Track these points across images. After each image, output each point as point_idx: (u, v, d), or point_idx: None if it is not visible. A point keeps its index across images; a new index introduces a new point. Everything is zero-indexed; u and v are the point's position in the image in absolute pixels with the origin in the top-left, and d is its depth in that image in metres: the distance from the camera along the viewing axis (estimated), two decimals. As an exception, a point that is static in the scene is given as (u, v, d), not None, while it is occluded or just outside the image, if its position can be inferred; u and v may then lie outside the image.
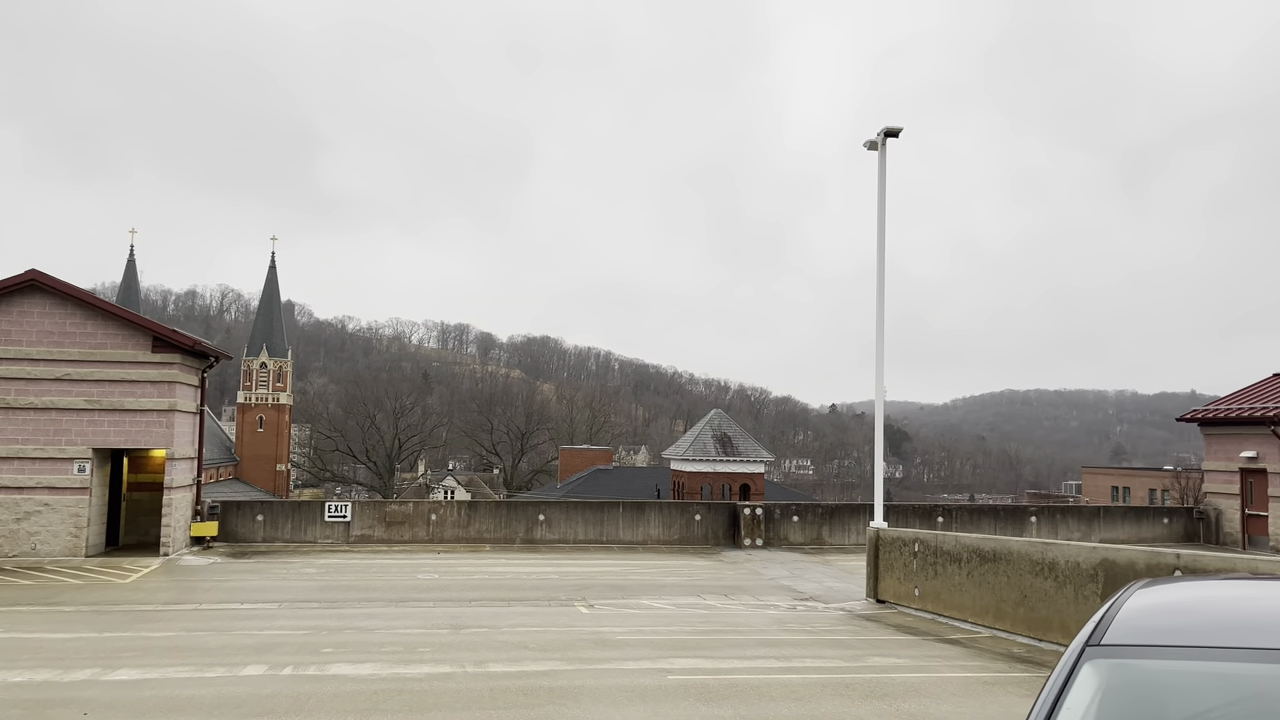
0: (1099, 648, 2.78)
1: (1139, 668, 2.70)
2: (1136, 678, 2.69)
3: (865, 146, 20.10)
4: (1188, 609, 3.00)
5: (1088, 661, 2.74)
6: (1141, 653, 2.71)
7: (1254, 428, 29.51)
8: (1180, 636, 2.75)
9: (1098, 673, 2.70)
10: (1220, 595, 3.14)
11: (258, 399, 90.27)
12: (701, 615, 16.11)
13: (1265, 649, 2.58)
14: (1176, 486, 59.27)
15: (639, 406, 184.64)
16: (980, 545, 15.76)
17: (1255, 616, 2.86)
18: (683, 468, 46.29)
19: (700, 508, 27.91)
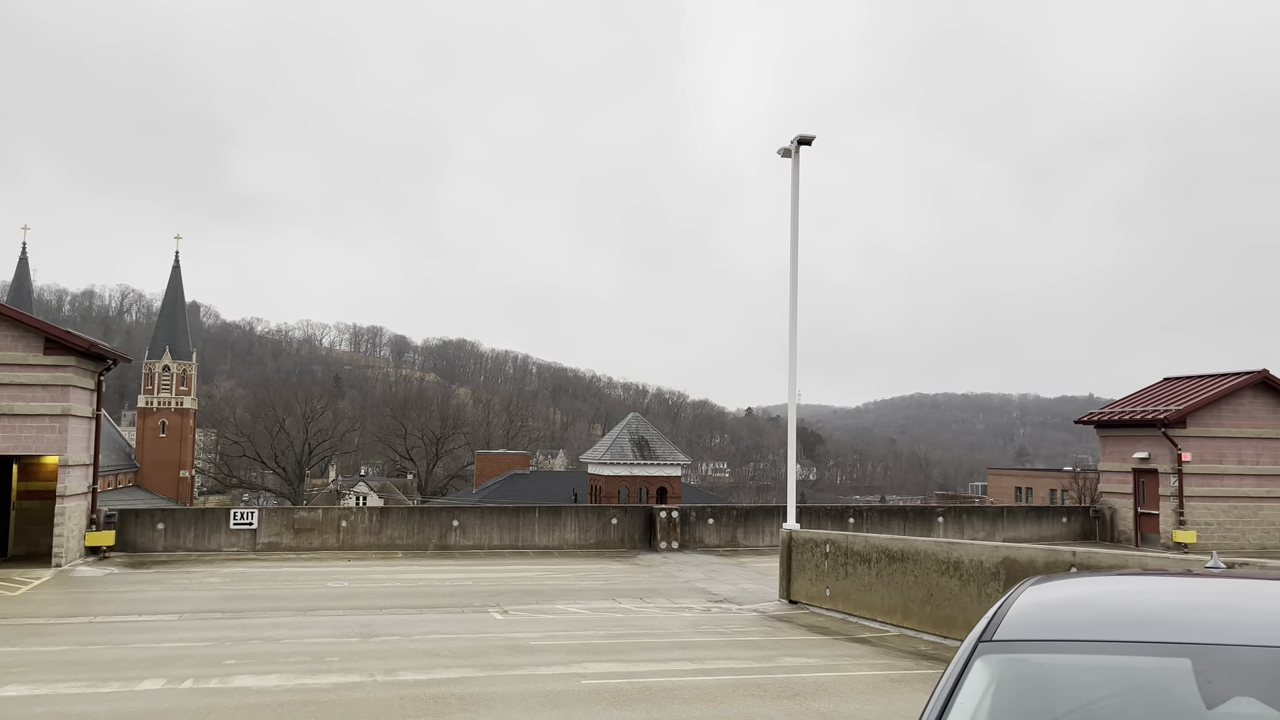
0: (991, 643, 2.85)
1: (1029, 662, 2.78)
2: (1027, 671, 2.77)
3: (779, 154, 20.41)
4: (1076, 605, 3.10)
5: (980, 657, 2.81)
6: (1031, 647, 2.79)
7: (1146, 430, 30.86)
8: (1069, 631, 2.84)
9: (990, 668, 2.77)
10: (1107, 591, 3.26)
11: (160, 403, 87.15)
12: (617, 619, 16.11)
13: (1148, 642, 2.68)
14: (1075, 486, 61.61)
15: (557, 410, 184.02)
16: (889, 546, 16.12)
17: (1139, 611, 2.98)
18: (600, 471, 46.25)
19: (617, 512, 27.93)
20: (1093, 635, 2.78)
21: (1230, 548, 29.37)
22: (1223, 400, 30.55)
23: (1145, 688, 2.60)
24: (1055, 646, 2.78)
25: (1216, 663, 2.49)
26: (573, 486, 59.89)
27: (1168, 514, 30.14)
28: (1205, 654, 2.53)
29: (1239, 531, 30.14)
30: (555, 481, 65.97)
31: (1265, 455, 30.66)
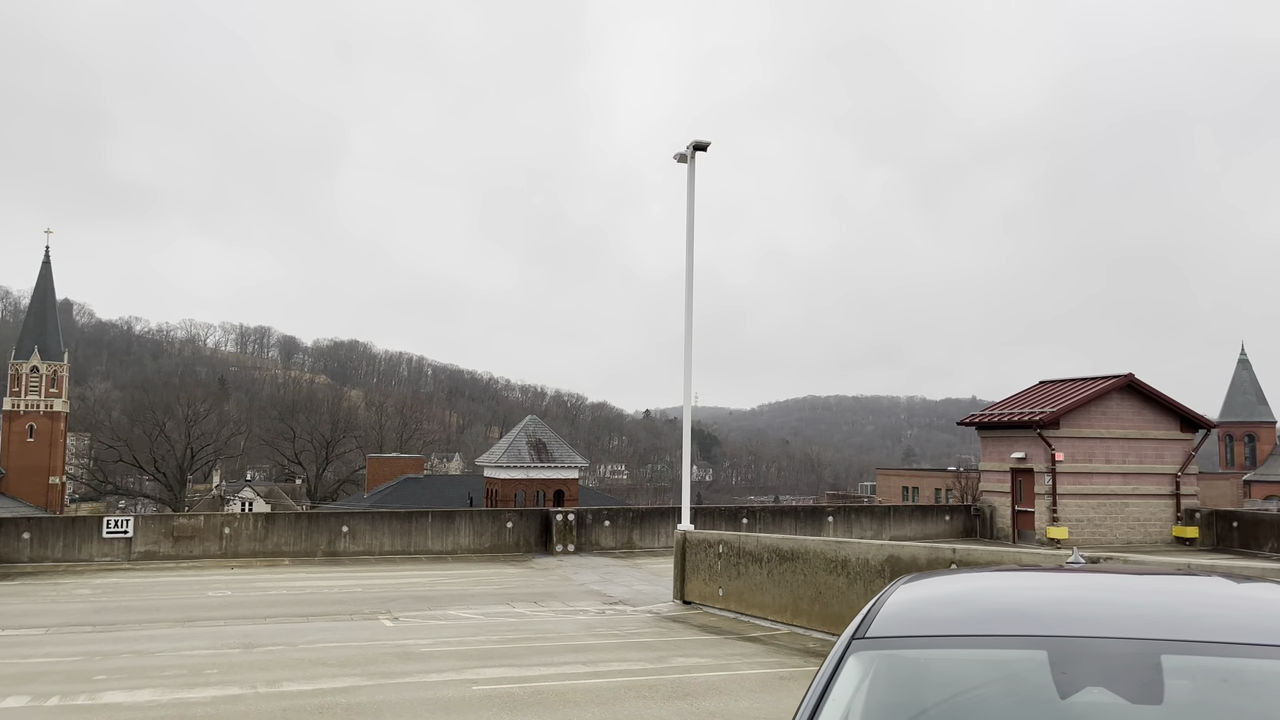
0: (864, 640, 2.93)
1: (899, 657, 2.87)
2: (897, 667, 2.86)
3: (675, 159, 20.59)
4: (944, 601, 3.21)
5: (853, 654, 2.88)
6: (901, 643, 2.88)
7: (1022, 431, 32.26)
8: (936, 627, 2.94)
9: (862, 664, 2.85)
10: (973, 587, 3.38)
11: (28, 405, 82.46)
12: (510, 624, 15.97)
13: (1009, 635, 2.79)
14: (958, 486, 63.95)
15: (453, 413, 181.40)
16: (780, 545, 16.42)
17: (1001, 606, 3.10)
18: (497, 475, 45.81)
19: (512, 515, 27.70)
20: (958, 630, 2.88)
21: (1099, 543, 30.96)
22: (1092, 403, 32.17)
23: (1005, 680, 2.71)
24: (923, 642, 2.87)
25: (1071, 655, 2.61)
26: (468, 490, 59.16)
27: (1042, 511, 31.57)
28: (1061, 646, 2.65)
29: (1107, 527, 31.78)
30: (450, 485, 65.06)
31: (1130, 455, 32.42)
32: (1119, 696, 2.49)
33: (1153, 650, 2.57)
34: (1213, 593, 3.22)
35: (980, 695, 2.71)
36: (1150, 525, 32.28)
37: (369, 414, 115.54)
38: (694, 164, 20.31)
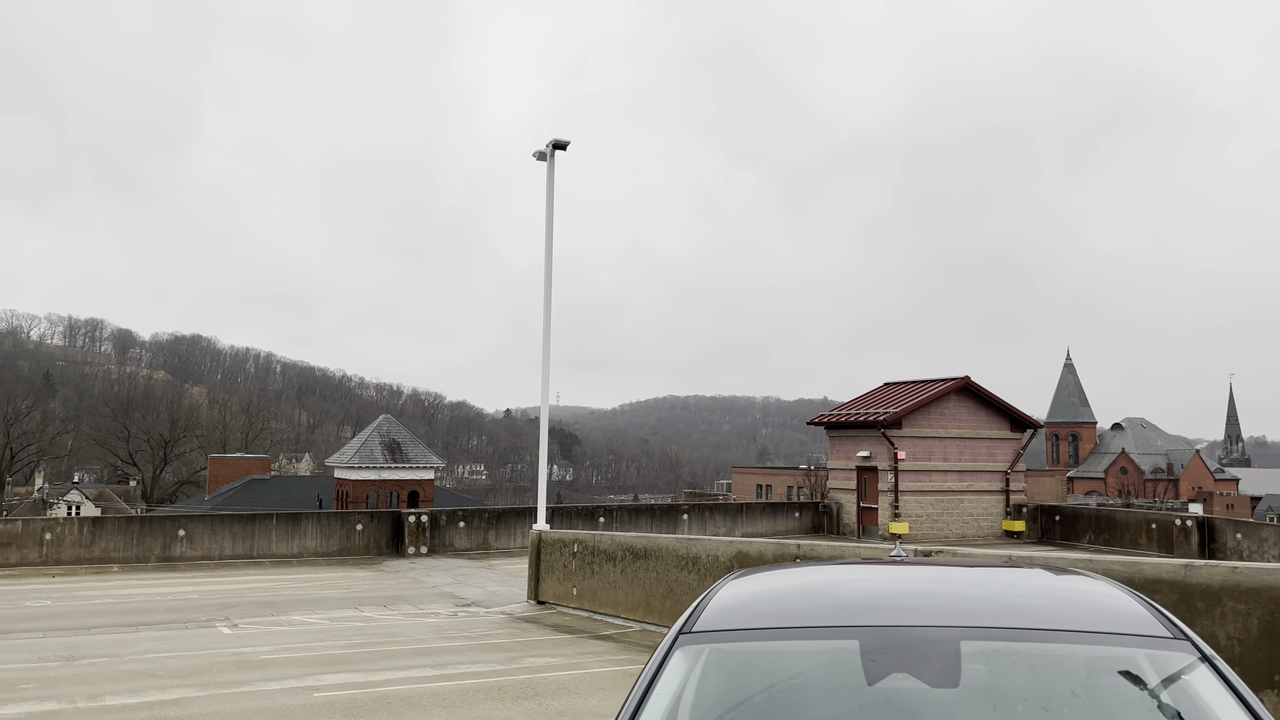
0: (691, 634, 2.99)
1: (724, 649, 2.94)
2: (721, 659, 2.93)
3: (535, 157, 20.49)
4: (769, 596, 3.31)
5: (680, 648, 2.94)
6: (725, 637, 2.95)
7: (868, 430, 33.63)
8: (759, 620, 3.03)
9: (688, 657, 2.91)
10: (796, 582, 3.50)
11: None
12: (357, 628, 15.54)
13: (825, 627, 2.91)
14: (809, 483, 66.13)
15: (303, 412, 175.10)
16: (634, 543, 16.57)
17: (821, 599, 3.22)
18: (348, 475, 44.51)
19: (362, 517, 26.94)
20: (779, 623, 2.98)
21: (936, 537, 32.60)
22: (932, 404, 33.84)
23: (820, 669, 2.82)
24: (746, 635, 2.96)
25: (879, 644, 2.74)
26: (318, 492, 57.24)
27: (885, 508, 32.99)
28: (871, 636, 2.78)
29: (944, 523, 33.50)
30: (298, 486, 62.77)
31: (966, 453, 34.27)
32: (920, 682, 2.63)
33: (953, 637, 2.73)
34: (1017, 583, 3.43)
35: (796, 684, 2.81)
36: (983, 520, 34.21)
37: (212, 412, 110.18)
38: (554, 163, 20.26)
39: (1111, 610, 2.93)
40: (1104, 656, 2.71)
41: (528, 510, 28.97)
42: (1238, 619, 7.80)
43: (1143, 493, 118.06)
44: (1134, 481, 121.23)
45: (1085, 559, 9.70)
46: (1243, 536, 29.41)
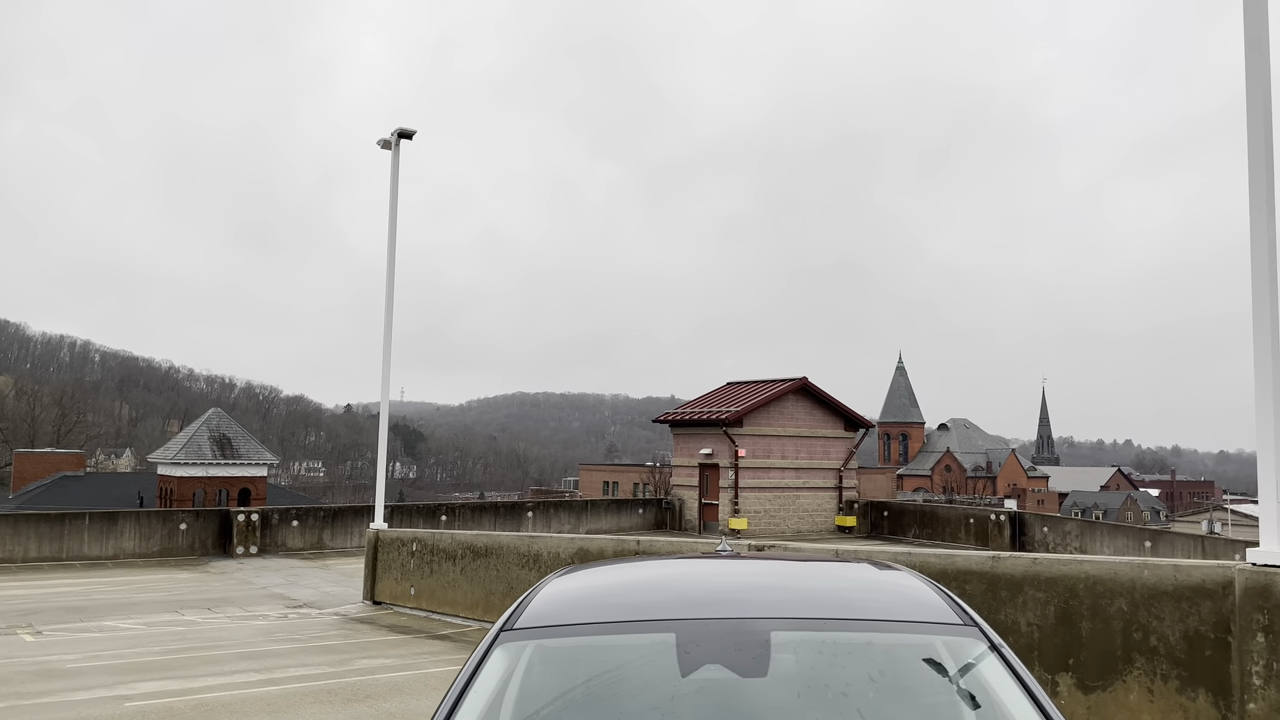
0: (511, 631, 2.98)
1: (545, 645, 2.95)
2: (544, 655, 2.94)
3: (379, 145, 19.92)
4: (593, 591, 3.34)
5: (500, 645, 2.93)
6: (546, 633, 2.96)
7: (710, 429, 34.40)
8: (580, 615, 3.05)
9: (508, 654, 2.90)
10: (621, 578, 3.55)
11: None
12: (178, 633, 14.72)
13: (644, 620, 2.95)
14: (654, 480, 67.10)
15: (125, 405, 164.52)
16: (474, 542, 16.38)
17: (645, 593, 3.28)
18: (173, 472, 42.19)
19: (187, 516, 25.53)
20: (599, 618, 3.01)
21: (773, 532, 33.68)
22: (772, 403, 34.94)
23: (637, 662, 2.86)
24: (566, 631, 2.97)
25: (694, 636, 2.81)
26: (139, 489, 54.00)
27: (726, 504, 33.83)
28: (687, 628, 2.84)
29: (781, 518, 34.65)
30: (118, 484, 59.01)
31: (803, 451, 35.55)
32: (732, 672, 2.71)
33: (764, 629, 2.82)
34: (828, 575, 3.58)
35: (614, 677, 2.85)
36: (817, 515, 35.58)
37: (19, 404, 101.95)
38: (399, 152, 19.75)
39: (911, 600, 3.10)
40: (900, 644, 2.86)
41: (366, 509, 28.15)
42: (1038, 606, 8.40)
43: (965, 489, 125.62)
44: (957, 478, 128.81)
45: (906, 552, 10.23)
46: (1049, 530, 31.72)
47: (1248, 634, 7.04)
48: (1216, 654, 7.26)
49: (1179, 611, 7.50)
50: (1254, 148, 7.50)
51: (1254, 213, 7.48)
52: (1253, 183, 7.50)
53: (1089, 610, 8.01)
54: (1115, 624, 7.84)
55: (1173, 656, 7.50)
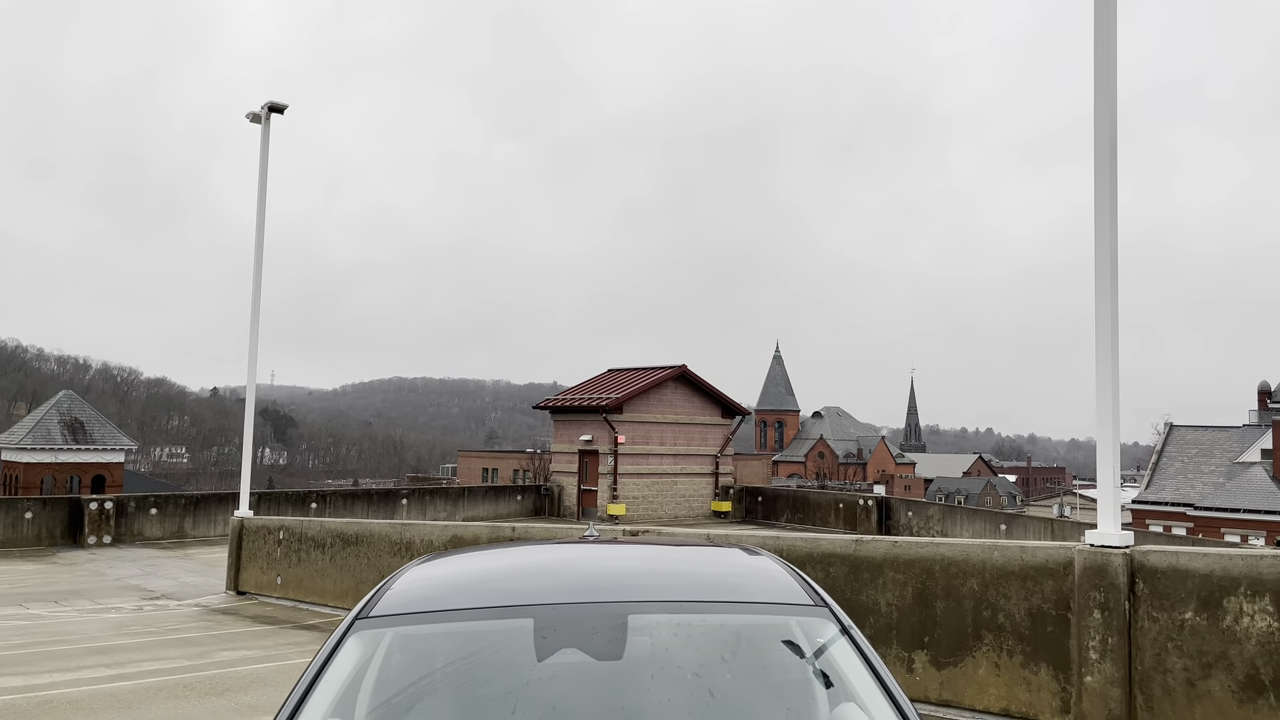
0: (367, 619, 2.93)
1: (402, 633, 2.91)
2: (401, 643, 2.89)
3: (248, 119, 19.12)
4: (451, 578, 3.31)
5: (355, 633, 2.87)
6: (402, 620, 2.92)
7: (591, 415, 34.46)
8: (437, 603, 3.02)
9: (362, 642, 2.85)
10: (482, 565, 3.53)
11: None
12: (21, 627, 13.87)
13: (502, 606, 2.94)
14: (533, 466, 66.82)
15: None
16: (344, 529, 15.98)
17: (505, 579, 3.26)
18: (19, 458, 39.76)
19: (33, 504, 24.04)
20: (457, 605, 2.98)
21: (651, 518, 34.03)
22: (651, 390, 35.24)
23: (494, 647, 2.85)
24: (423, 618, 2.93)
25: (552, 621, 2.81)
26: (-20, 476, 50.61)
27: (605, 490, 33.99)
28: (545, 613, 2.85)
29: (658, 504, 35.03)
30: (-44, 470, 55.10)
31: (681, 438, 36.01)
32: (588, 655, 2.73)
33: (622, 612, 2.85)
34: (690, 559, 3.64)
35: (470, 663, 2.83)
36: (694, 501, 36.12)
37: None
38: (269, 126, 18.99)
39: (767, 583, 3.18)
40: (753, 624, 2.94)
41: (231, 496, 27.10)
42: (897, 588, 8.74)
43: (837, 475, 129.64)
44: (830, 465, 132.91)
45: (776, 536, 10.48)
46: (913, 514, 33.06)
47: (1086, 611, 7.51)
48: (1058, 630, 7.71)
49: (1024, 590, 7.94)
50: (1100, 157, 7.96)
51: (1098, 217, 7.94)
52: (1098, 191, 7.96)
53: (943, 590, 8.39)
54: (967, 603, 8.24)
55: (1018, 633, 7.93)
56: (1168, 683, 7.11)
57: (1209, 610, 6.96)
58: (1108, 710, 7.30)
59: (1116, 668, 7.29)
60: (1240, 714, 6.79)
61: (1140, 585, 7.31)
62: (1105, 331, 7.70)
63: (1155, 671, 7.17)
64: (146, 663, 11.30)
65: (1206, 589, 7.00)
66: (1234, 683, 6.82)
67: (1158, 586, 7.23)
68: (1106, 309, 7.73)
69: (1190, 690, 7.01)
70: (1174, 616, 7.11)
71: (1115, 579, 7.36)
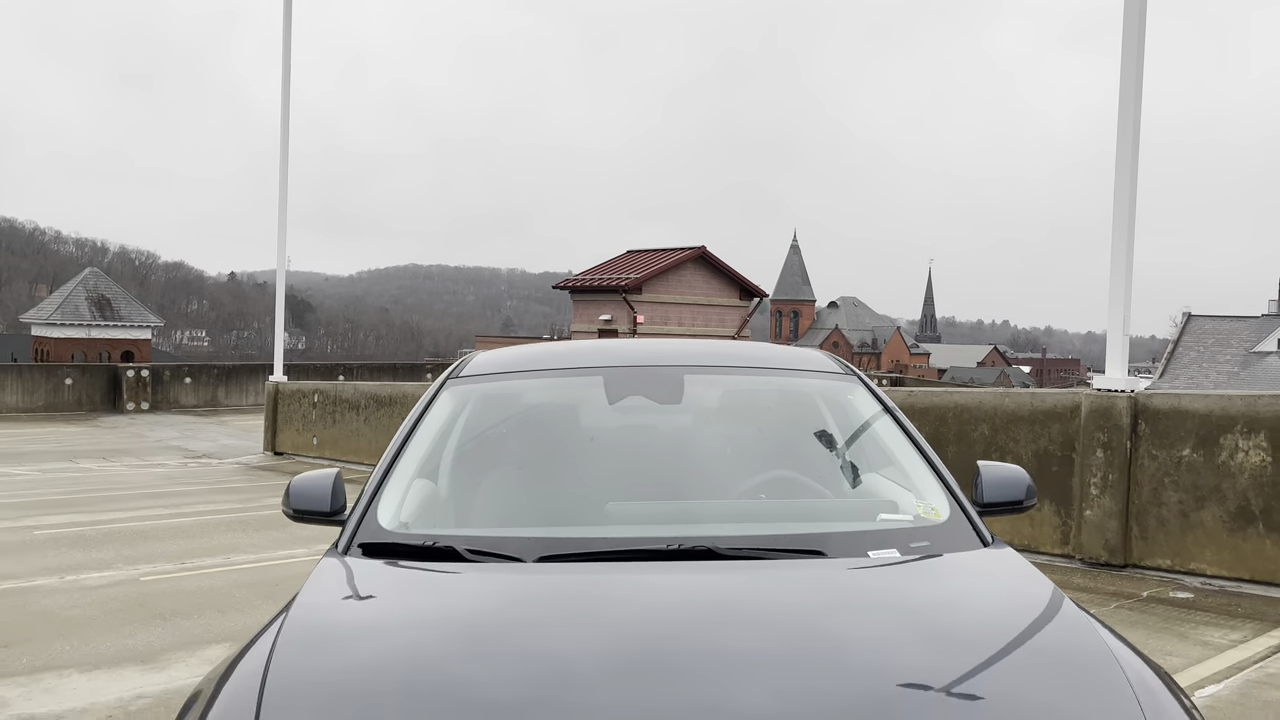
0: (458, 378, 3.37)
1: (489, 387, 3.36)
2: (488, 394, 3.36)
3: (270, -17, 18.94)
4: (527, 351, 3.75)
5: (447, 389, 3.30)
6: (490, 378, 3.37)
7: (610, 295, 34.85)
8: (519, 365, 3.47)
9: (455, 396, 3.29)
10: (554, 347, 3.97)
11: None
12: (75, 478, 14.68)
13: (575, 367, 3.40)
14: (550, 351, 67.72)
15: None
16: (377, 392, 16.59)
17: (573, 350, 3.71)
18: (49, 334, 40.62)
19: (73, 371, 24.85)
20: (537, 366, 3.42)
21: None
22: (670, 271, 35.50)
23: (571, 395, 3.31)
24: (508, 376, 3.38)
25: (619, 377, 3.26)
26: (11, 351, 51.77)
27: (623, 369, 34.65)
28: (613, 372, 3.30)
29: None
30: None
31: (699, 318, 36.43)
32: (651, 400, 3.17)
33: (679, 371, 3.29)
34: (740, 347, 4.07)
35: (551, 406, 3.29)
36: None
37: None
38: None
39: (804, 357, 3.60)
40: (792, 383, 3.38)
41: (261, 366, 27.83)
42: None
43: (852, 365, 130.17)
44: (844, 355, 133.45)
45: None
46: (926, 395, 33.67)
47: (1089, 451, 7.97)
48: (1062, 469, 8.19)
49: (1032, 434, 8.40)
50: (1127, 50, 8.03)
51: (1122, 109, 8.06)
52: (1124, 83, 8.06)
53: (955, 435, 8.86)
54: (978, 447, 8.71)
55: (1024, 473, 8.42)
56: (1162, 515, 7.61)
57: (1206, 447, 7.40)
58: (1104, 540, 7.84)
59: (1115, 502, 7.79)
60: (1230, 542, 7.30)
61: (1143, 425, 7.75)
62: (1125, 167, 7.88)
63: (1151, 505, 7.67)
64: (200, 505, 12.03)
65: (1205, 428, 7.43)
66: (1225, 513, 7.31)
67: (1159, 427, 7.67)
68: (1128, 143, 7.90)
69: (1184, 521, 7.51)
70: (1173, 454, 7.57)
71: (1119, 420, 7.79)
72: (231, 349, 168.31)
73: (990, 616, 2.19)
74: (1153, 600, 6.93)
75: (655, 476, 2.99)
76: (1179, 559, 7.52)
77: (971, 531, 2.67)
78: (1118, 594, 7.09)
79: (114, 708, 4.78)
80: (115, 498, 12.55)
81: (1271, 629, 6.17)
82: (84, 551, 8.88)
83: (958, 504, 2.79)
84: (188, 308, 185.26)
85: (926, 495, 2.87)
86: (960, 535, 2.64)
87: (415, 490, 2.85)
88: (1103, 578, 7.58)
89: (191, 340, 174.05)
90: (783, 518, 2.77)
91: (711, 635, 1.98)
